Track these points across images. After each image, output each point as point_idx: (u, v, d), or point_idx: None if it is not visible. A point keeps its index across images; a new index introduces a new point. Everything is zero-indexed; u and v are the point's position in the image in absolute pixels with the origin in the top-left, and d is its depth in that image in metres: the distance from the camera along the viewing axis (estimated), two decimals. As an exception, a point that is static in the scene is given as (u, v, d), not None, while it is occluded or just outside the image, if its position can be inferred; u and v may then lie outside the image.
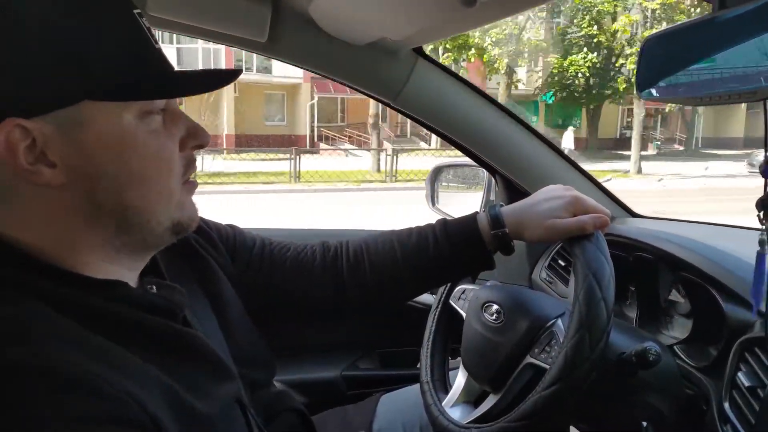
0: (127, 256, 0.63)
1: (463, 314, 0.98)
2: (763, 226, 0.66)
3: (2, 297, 0.53)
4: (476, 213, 0.89)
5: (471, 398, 0.96)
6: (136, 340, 0.57)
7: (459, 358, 0.99)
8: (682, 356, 0.94)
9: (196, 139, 0.65)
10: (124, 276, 0.62)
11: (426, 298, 1.50)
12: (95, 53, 0.54)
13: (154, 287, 0.67)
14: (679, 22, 0.66)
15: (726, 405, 0.80)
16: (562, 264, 1.30)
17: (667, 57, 0.68)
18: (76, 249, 0.58)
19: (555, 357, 0.76)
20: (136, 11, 0.58)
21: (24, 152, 0.53)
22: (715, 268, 0.90)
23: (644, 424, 0.86)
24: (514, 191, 1.33)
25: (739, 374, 0.80)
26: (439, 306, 1.05)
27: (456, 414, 0.93)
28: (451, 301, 1.04)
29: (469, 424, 0.87)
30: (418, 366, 1.04)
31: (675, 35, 0.66)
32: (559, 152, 1.31)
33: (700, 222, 1.25)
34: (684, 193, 13.32)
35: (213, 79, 0.62)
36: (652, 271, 1.05)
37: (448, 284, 1.04)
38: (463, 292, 1.03)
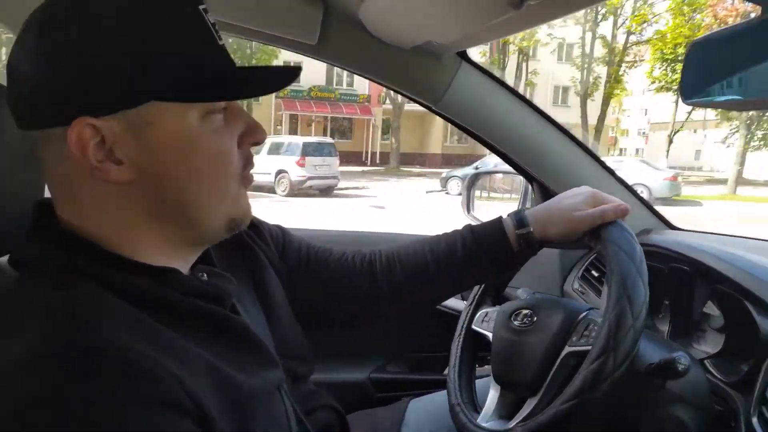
0: (183, 250, 0.65)
1: (489, 335, 0.98)
2: None
3: (60, 280, 0.55)
4: (501, 216, 0.92)
5: (505, 412, 0.93)
6: (186, 324, 0.58)
7: (487, 367, 0.98)
8: (713, 371, 0.92)
9: (254, 136, 0.65)
10: (177, 265, 0.63)
11: (455, 303, 1.50)
12: (164, 54, 0.55)
13: (205, 275, 0.68)
14: (725, 26, 0.66)
15: (755, 420, 0.79)
16: (596, 275, 1.29)
17: (713, 62, 0.68)
18: (135, 242, 0.60)
19: (597, 333, 0.75)
20: (201, 7, 0.58)
21: (93, 150, 0.55)
22: (752, 282, 0.88)
23: None
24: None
25: None
26: (462, 332, 1.04)
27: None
28: (474, 327, 1.04)
29: (515, 426, 0.83)
30: (446, 372, 1.04)
31: (721, 40, 0.67)
32: (601, 162, 1.31)
33: (739, 236, 1.23)
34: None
35: (275, 78, 0.63)
36: (687, 283, 1.04)
37: (470, 310, 1.04)
38: (485, 315, 1.03)
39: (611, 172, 1.31)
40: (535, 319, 0.89)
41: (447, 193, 15.96)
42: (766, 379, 0.80)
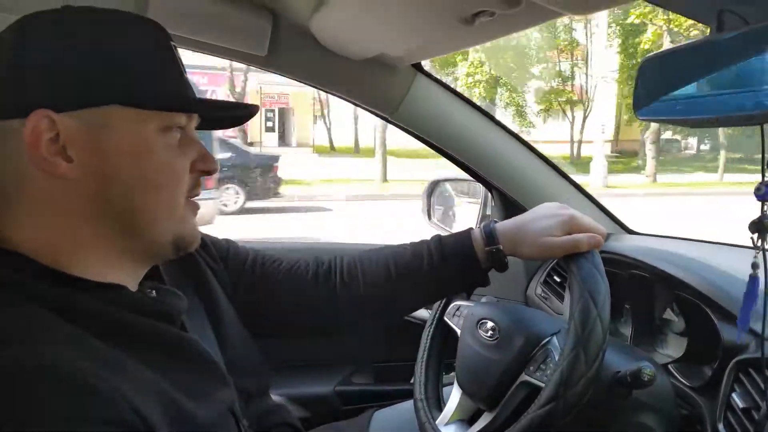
0: (127, 262, 0.63)
1: (458, 331, 0.98)
2: (757, 249, 0.66)
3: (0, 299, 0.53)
4: (470, 229, 0.89)
5: (465, 416, 0.95)
6: (134, 343, 0.57)
7: (453, 374, 0.98)
8: (677, 375, 0.94)
9: (206, 164, 0.67)
10: (123, 281, 0.62)
11: (421, 312, 1.49)
12: (135, 65, 0.59)
13: (154, 291, 0.67)
14: (677, 44, 0.66)
15: (720, 426, 0.80)
16: (558, 280, 1.30)
17: (664, 78, 0.68)
18: (77, 249, 0.59)
19: (550, 375, 0.75)
20: (173, 43, 0.63)
21: (46, 143, 0.55)
22: (711, 288, 0.89)
23: None
24: (510, 206, 1.33)
25: (734, 395, 0.79)
26: (434, 323, 1.04)
27: None
28: (445, 318, 1.03)
29: None
30: (412, 381, 1.03)
31: (673, 57, 0.67)
32: (556, 168, 1.32)
33: (697, 240, 1.25)
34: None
35: (231, 112, 0.68)
36: (647, 289, 1.05)
37: (443, 301, 1.03)
38: (457, 309, 1.02)
39: (567, 178, 1.32)
40: (499, 335, 0.88)
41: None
42: (730, 384, 0.81)
